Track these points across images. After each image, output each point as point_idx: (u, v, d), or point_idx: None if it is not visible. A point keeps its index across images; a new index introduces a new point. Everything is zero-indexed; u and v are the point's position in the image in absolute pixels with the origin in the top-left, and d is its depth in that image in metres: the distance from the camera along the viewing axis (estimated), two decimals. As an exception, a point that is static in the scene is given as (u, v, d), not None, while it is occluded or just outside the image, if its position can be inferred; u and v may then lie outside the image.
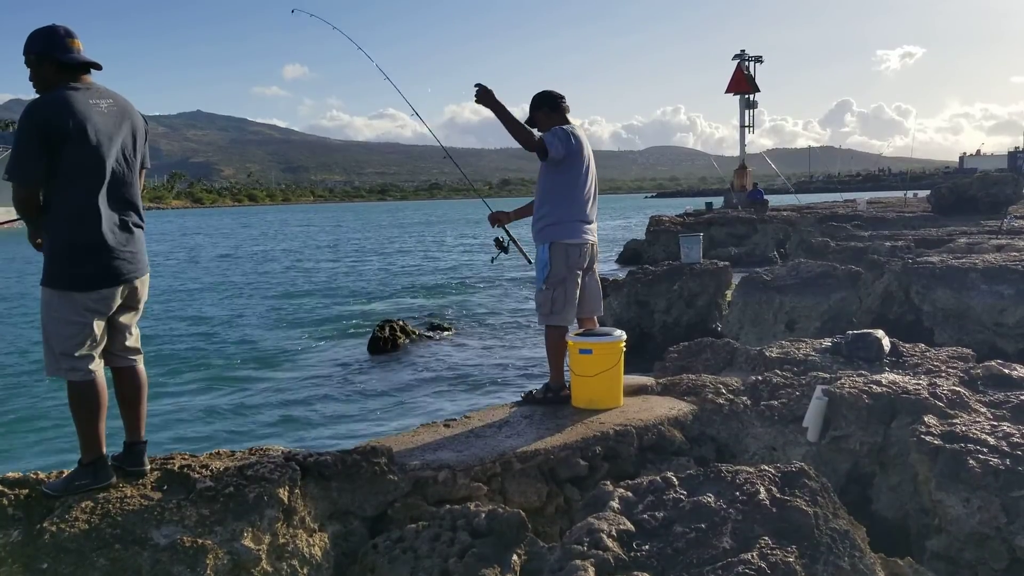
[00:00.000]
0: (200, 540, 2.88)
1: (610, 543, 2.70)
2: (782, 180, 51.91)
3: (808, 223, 21.26)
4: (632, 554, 2.67)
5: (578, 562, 2.61)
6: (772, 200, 29.75)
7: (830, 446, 4.12)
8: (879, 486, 4.02)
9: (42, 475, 3.21)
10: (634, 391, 4.79)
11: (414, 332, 13.80)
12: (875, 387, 4.21)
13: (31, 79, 3.11)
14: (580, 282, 4.70)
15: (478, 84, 4.38)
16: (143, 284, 3.31)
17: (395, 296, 20.55)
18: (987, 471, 3.24)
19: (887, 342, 5.14)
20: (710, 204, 35.51)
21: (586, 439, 4.01)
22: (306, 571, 3.10)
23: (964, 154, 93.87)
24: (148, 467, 3.28)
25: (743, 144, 40.94)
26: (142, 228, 3.28)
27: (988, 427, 3.61)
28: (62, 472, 3.22)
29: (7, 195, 3.06)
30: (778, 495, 2.86)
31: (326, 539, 3.25)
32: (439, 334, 14.16)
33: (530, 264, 4.85)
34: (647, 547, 2.70)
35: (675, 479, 3.09)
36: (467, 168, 5.50)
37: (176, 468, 3.29)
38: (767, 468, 3.09)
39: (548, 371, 4.83)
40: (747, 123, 40.96)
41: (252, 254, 38.21)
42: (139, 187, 3.32)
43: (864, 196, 41.14)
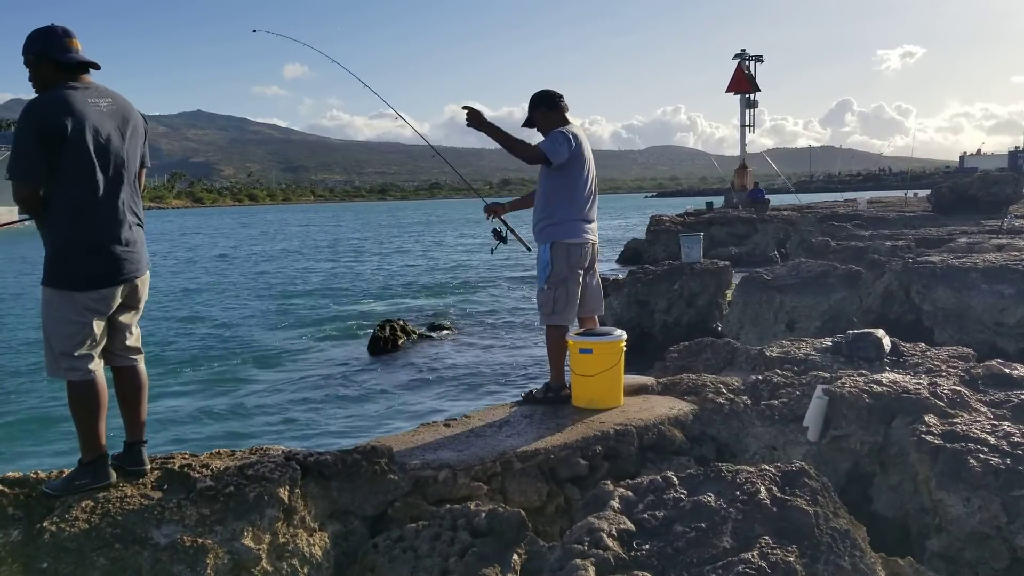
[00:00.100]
0: (200, 539, 2.88)
1: (610, 542, 2.70)
2: (782, 180, 51.89)
3: (808, 223, 21.26)
4: (632, 553, 2.67)
5: (578, 561, 2.61)
6: (772, 200, 29.73)
7: (830, 445, 4.11)
8: (879, 486, 4.02)
9: (42, 474, 3.21)
10: (634, 391, 4.79)
11: (414, 332, 13.80)
12: (875, 387, 4.21)
13: (30, 79, 3.12)
14: (581, 282, 4.70)
15: (466, 106, 4.45)
16: (143, 283, 3.31)
17: (395, 296, 20.55)
18: (987, 470, 3.24)
19: (887, 342, 5.13)
20: (710, 204, 35.49)
21: (586, 438, 4.01)
22: (306, 570, 3.10)
23: (964, 153, 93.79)
24: (148, 466, 3.28)
25: (743, 144, 40.93)
26: (142, 227, 3.28)
27: (988, 426, 3.61)
28: (62, 472, 3.22)
29: (8, 195, 3.06)
30: (778, 495, 2.86)
31: (326, 538, 3.25)
32: (439, 334, 14.17)
33: (530, 252, 4.86)
34: (647, 546, 2.70)
35: (675, 478, 3.09)
36: (467, 168, 5.50)
37: (176, 468, 3.29)
38: (767, 467, 3.09)
39: (548, 371, 4.84)
40: (747, 122, 40.96)
41: (252, 254, 38.22)
42: (140, 186, 3.32)
43: (864, 196, 41.12)
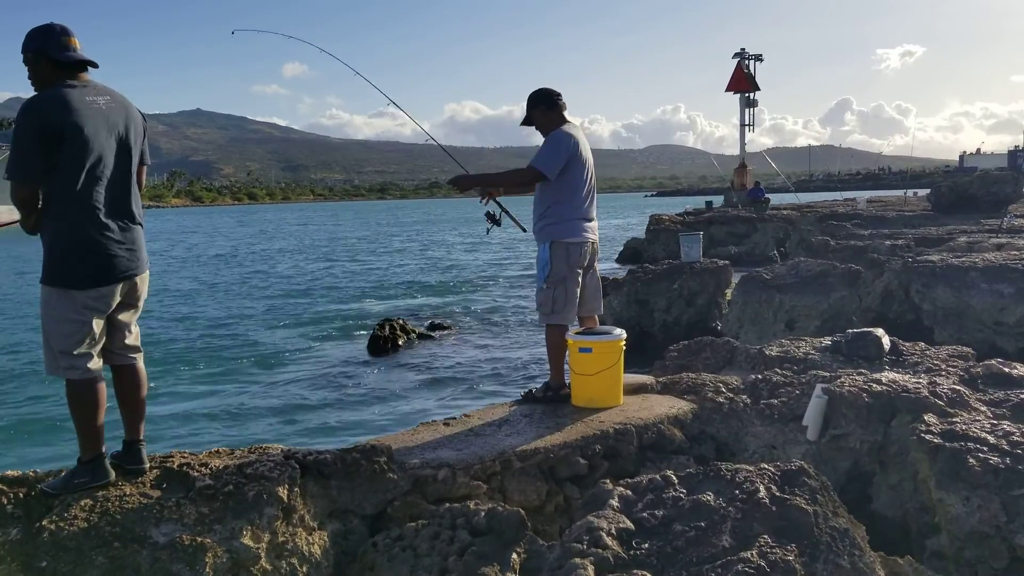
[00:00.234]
0: (199, 538, 2.88)
1: (610, 541, 2.70)
2: (782, 179, 51.85)
3: (808, 222, 21.28)
4: (632, 552, 2.67)
5: (577, 560, 2.61)
6: (772, 199, 29.73)
7: (830, 445, 4.11)
8: (879, 485, 4.02)
9: (41, 473, 3.21)
10: (634, 390, 4.79)
11: (414, 331, 13.79)
12: (875, 386, 4.21)
13: (29, 77, 3.12)
14: (581, 281, 4.70)
15: (450, 181, 4.66)
16: (143, 282, 3.30)
17: (395, 295, 20.54)
18: (987, 470, 3.24)
19: (887, 341, 5.13)
20: (710, 203, 35.48)
21: (586, 438, 4.01)
22: (305, 569, 3.10)
23: (964, 153, 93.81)
24: (147, 465, 3.28)
25: (743, 143, 40.92)
26: (141, 225, 3.27)
27: (988, 426, 3.61)
28: (61, 470, 3.22)
29: (8, 194, 3.06)
30: (778, 494, 2.85)
31: (325, 537, 3.25)
32: (439, 333, 14.16)
33: (525, 232, 4.89)
34: (647, 545, 2.70)
35: (675, 477, 3.09)
36: (467, 167, 5.52)
37: (175, 466, 3.29)
38: (767, 467, 3.09)
39: (548, 370, 4.84)
40: (747, 122, 40.94)
41: (251, 253, 38.20)
42: (140, 184, 3.32)
43: (864, 195, 41.13)
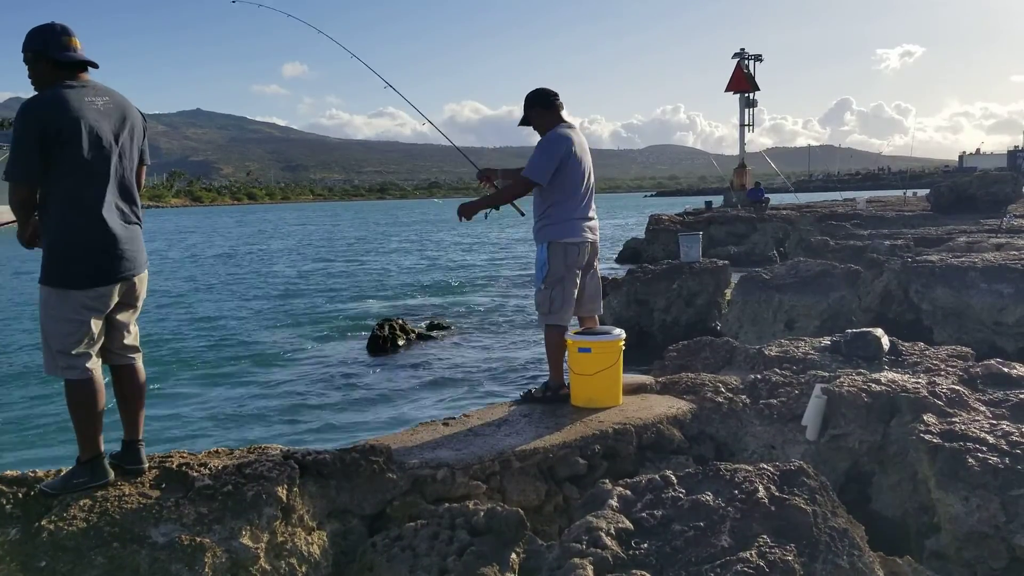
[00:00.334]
0: (198, 538, 2.87)
1: (609, 541, 2.70)
2: (781, 179, 51.86)
3: (807, 222, 21.29)
4: (631, 552, 2.67)
5: (577, 560, 2.61)
6: (772, 199, 29.75)
7: (829, 445, 4.11)
8: (878, 485, 4.02)
9: (40, 473, 3.21)
10: (633, 390, 4.79)
11: (413, 331, 13.79)
12: (874, 386, 4.21)
13: (29, 76, 3.11)
14: (579, 281, 4.70)
15: (458, 210, 4.68)
16: (141, 281, 3.30)
17: (394, 295, 20.53)
18: (986, 470, 3.24)
19: (886, 341, 5.13)
20: (709, 203, 35.49)
21: (585, 438, 4.01)
22: (304, 569, 3.10)
23: (964, 153, 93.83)
24: (146, 465, 3.28)
25: (743, 143, 40.93)
26: (139, 225, 3.27)
27: (987, 426, 3.61)
28: (60, 470, 3.22)
29: (7, 194, 3.05)
30: (777, 494, 2.85)
31: (324, 537, 3.25)
32: (438, 333, 14.16)
33: (523, 216, 4.88)
34: (646, 545, 2.70)
35: (674, 477, 3.09)
36: (467, 167, 5.51)
37: (174, 466, 3.29)
38: (766, 467, 3.09)
39: (547, 370, 4.84)
40: (747, 122, 40.95)
41: (249, 253, 38.19)
42: (140, 183, 3.32)
43: (863, 195, 41.13)
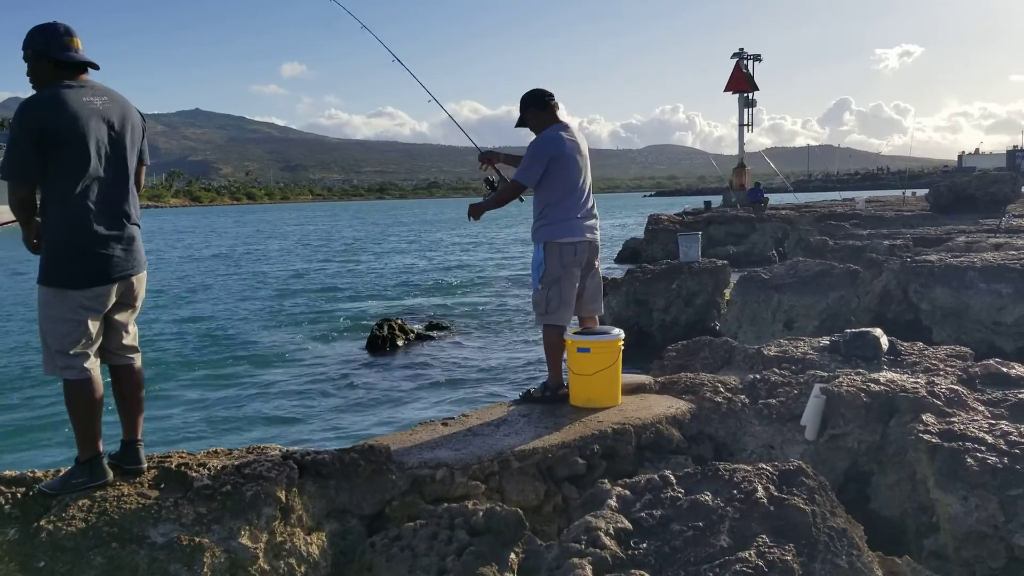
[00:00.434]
0: (197, 538, 2.87)
1: (608, 541, 2.70)
2: (781, 179, 51.92)
3: (807, 222, 21.31)
4: (630, 552, 2.67)
5: (576, 560, 2.61)
6: (771, 199, 29.77)
7: (828, 444, 4.11)
8: (877, 484, 4.02)
9: (39, 473, 3.21)
10: (632, 390, 4.78)
11: (412, 331, 13.79)
12: (873, 385, 4.21)
13: (28, 74, 3.10)
14: (577, 280, 4.70)
15: (469, 211, 4.82)
16: (139, 282, 3.30)
17: (393, 295, 20.54)
18: (985, 469, 3.24)
19: (885, 341, 5.13)
20: (709, 203, 35.51)
21: (584, 438, 4.01)
22: (303, 569, 3.10)
23: (963, 153, 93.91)
24: (145, 465, 3.28)
25: (742, 143, 40.97)
26: (138, 226, 3.27)
27: (986, 425, 3.61)
28: (59, 470, 3.22)
29: (7, 195, 3.05)
30: (776, 493, 2.85)
31: (323, 538, 3.24)
32: (438, 333, 14.16)
33: (523, 202, 4.94)
34: (645, 545, 2.70)
35: (673, 477, 3.09)
36: (466, 167, 5.50)
37: (173, 466, 3.29)
38: (765, 466, 3.09)
39: (546, 370, 4.84)
40: (746, 122, 41.00)
41: (249, 253, 38.17)
42: (139, 183, 3.31)
43: (862, 195, 41.17)
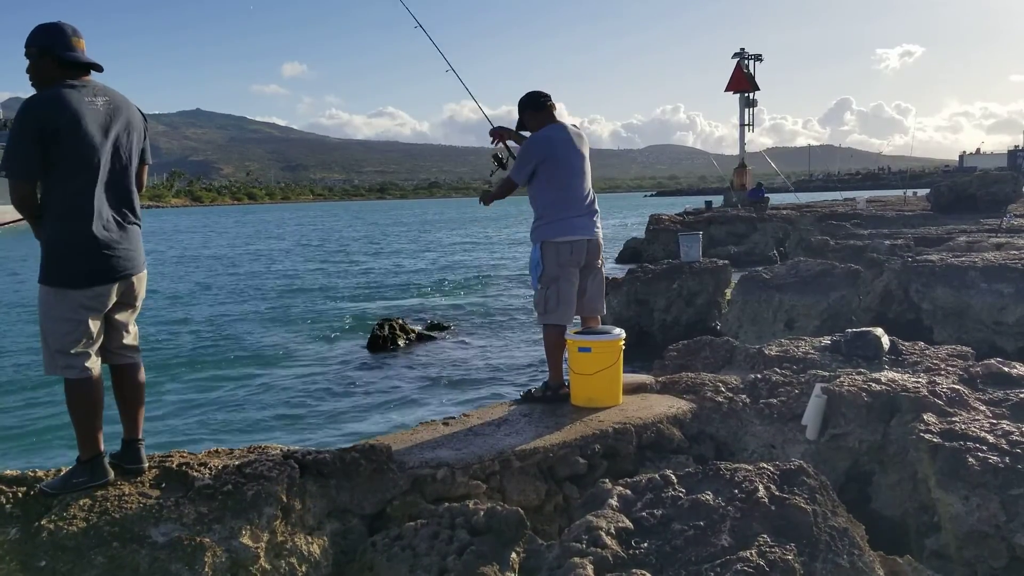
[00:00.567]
0: (198, 538, 2.87)
1: (609, 541, 2.70)
2: (781, 179, 51.87)
3: (807, 222, 21.30)
4: (631, 552, 2.67)
5: (577, 560, 2.61)
6: (772, 199, 29.76)
7: (829, 444, 4.11)
8: (878, 484, 4.02)
9: (40, 473, 3.21)
10: (633, 389, 4.78)
11: (413, 331, 13.79)
12: (874, 385, 4.21)
13: (28, 71, 3.09)
14: (577, 280, 4.70)
15: (480, 200, 4.97)
16: (140, 281, 3.30)
17: (394, 295, 20.54)
18: (986, 469, 3.24)
19: (886, 340, 5.13)
20: (709, 203, 35.49)
21: (585, 437, 4.01)
22: (304, 569, 3.10)
23: (964, 152, 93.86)
24: (146, 465, 3.28)
25: (743, 143, 40.92)
26: (138, 225, 3.27)
27: (987, 425, 3.61)
28: (60, 470, 3.22)
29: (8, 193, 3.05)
30: (777, 493, 2.85)
31: (324, 537, 3.24)
32: (439, 333, 14.16)
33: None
34: (646, 545, 2.70)
35: (674, 477, 3.09)
36: (467, 167, 5.51)
37: (174, 466, 3.29)
38: (766, 466, 3.09)
39: (547, 369, 4.84)
40: (747, 122, 40.93)
41: (247, 253, 38.18)
42: (141, 183, 3.31)
43: (863, 195, 41.15)
